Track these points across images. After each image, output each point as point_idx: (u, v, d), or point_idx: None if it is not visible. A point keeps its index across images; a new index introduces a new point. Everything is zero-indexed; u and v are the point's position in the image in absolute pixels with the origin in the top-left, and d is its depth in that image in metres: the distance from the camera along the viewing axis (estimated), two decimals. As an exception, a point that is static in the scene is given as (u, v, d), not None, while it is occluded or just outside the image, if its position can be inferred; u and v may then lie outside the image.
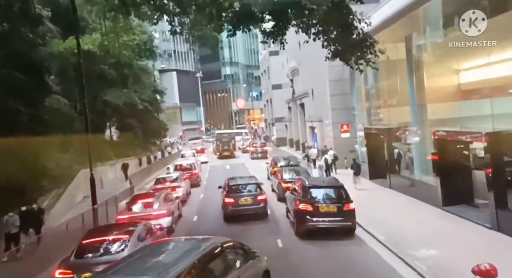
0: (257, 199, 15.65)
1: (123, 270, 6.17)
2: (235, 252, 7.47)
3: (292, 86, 44.31)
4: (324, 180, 14.38)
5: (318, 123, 32.16)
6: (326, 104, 29.61)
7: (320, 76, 30.66)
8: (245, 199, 15.63)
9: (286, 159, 25.41)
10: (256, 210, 15.50)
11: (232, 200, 15.55)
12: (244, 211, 15.37)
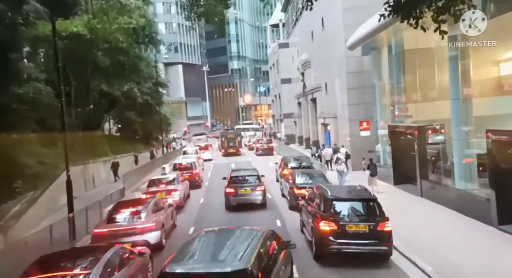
0: (256, 189, 16.59)
1: (201, 259, 6.46)
2: (277, 240, 7.97)
3: (303, 80, 41.47)
4: (351, 189, 11.58)
5: (332, 120, 29.36)
6: (341, 99, 26.81)
7: (336, 69, 27.83)
8: (244, 189, 16.61)
9: (297, 159, 22.69)
10: (254, 200, 16.53)
11: (232, 190, 16.58)
12: (243, 200, 16.51)
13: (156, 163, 33.42)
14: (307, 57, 38.39)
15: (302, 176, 16.55)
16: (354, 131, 25.14)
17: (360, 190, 11.06)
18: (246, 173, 18.41)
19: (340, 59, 26.14)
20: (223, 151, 43.51)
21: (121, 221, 11.40)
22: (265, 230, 7.87)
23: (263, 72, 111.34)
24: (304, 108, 43.01)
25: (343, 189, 11.83)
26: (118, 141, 33.50)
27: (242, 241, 6.97)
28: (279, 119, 59.37)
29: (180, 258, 6.48)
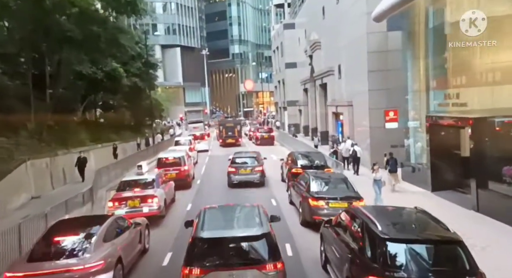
0: (255, 170, 18.55)
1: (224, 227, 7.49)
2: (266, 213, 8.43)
3: (310, 64, 37.21)
4: (410, 216, 7.42)
5: (346, 108, 25.26)
6: (360, 84, 22.68)
7: (353, 48, 23.62)
8: (244, 169, 18.49)
9: (307, 155, 18.59)
10: (253, 179, 18.37)
11: (234, 169, 18.47)
12: (243, 179, 18.32)
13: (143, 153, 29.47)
14: (317, 38, 34.07)
15: (318, 181, 12.57)
16: (375, 122, 21.14)
17: (426, 220, 7.01)
18: (247, 155, 20.53)
19: (360, 37, 21.94)
20: (221, 141, 39.50)
21: (51, 256, 7.38)
22: (258, 205, 8.63)
23: (266, 58, 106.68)
24: (311, 96, 38.84)
25: (396, 216, 7.60)
26: (102, 128, 29.47)
27: (247, 214, 8.05)
28: (282, 107, 55.23)
29: (205, 227, 7.15)
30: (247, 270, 6.54)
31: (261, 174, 18.47)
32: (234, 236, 7.00)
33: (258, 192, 17.44)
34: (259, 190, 18.01)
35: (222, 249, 6.80)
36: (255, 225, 7.25)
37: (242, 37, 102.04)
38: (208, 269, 6.48)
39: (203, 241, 6.81)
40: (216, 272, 6.46)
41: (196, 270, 6.48)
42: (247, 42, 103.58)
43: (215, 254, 6.76)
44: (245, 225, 7.51)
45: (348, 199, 11.40)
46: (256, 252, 6.84)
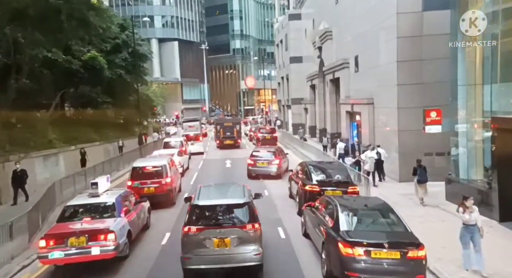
0: (272, 163, 19.67)
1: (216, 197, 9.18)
2: None
3: (319, 57, 33.12)
4: None
5: (365, 107, 21.17)
6: (385, 78, 18.61)
7: (376, 35, 19.53)
8: (262, 162, 19.78)
9: (324, 167, 14.30)
10: (270, 171, 19.56)
11: (252, 162, 19.95)
12: (260, 171, 19.73)
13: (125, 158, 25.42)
14: (327, 27, 29.97)
15: (350, 212, 8.42)
16: (405, 124, 17.11)
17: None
18: (265, 149, 21.47)
19: (387, 19, 17.84)
20: (218, 142, 35.39)
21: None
22: (244, 185, 10.30)
23: (268, 54, 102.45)
24: (319, 92, 34.78)
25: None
26: (79, 126, 25.36)
27: (235, 189, 9.89)
28: (286, 105, 51.14)
29: (200, 198, 8.94)
30: (232, 229, 8.28)
31: (277, 167, 19.65)
32: (222, 204, 8.75)
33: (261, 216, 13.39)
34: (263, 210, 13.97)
35: (213, 213, 8.58)
36: (239, 197, 8.96)
37: (243, 32, 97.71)
38: (202, 228, 8.21)
39: (199, 207, 8.58)
40: (209, 230, 8.19)
41: (193, 229, 8.22)
42: (249, 37, 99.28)
43: (208, 217, 8.51)
44: (232, 196, 9.15)
45: (401, 247, 7.34)
46: (239, 216, 8.54)
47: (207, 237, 8.13)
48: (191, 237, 8.19)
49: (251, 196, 9.39)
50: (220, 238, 8.13)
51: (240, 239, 8.18)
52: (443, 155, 16.89)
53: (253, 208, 8.69)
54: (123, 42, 29.66)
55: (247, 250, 8.18)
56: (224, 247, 8.15)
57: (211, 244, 8.12)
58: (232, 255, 8.16)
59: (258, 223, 8.45)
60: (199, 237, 8.14)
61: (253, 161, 19.91)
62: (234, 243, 8.16)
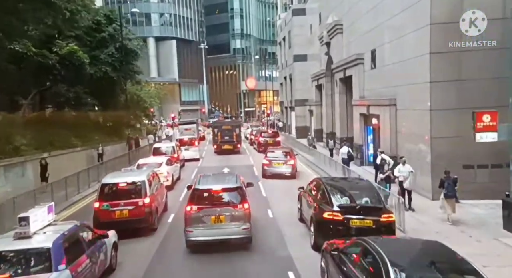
0: (287, 163, 20.19)
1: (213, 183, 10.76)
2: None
3: (327, 54, 30.07)
4: None
5: (387, 109, 18.05)
6: (412, 74, 15.53)
7: (401, 23, 16.47)
8: (277, 163, 20.24)
9: (346, 187, 10.97)
10: (285, 172, 20.04)
11: (268, 162, 20.39)
12: (276, 172, 20.13)
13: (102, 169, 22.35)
14: (337, 19, 26.92)
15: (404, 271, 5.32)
16: (440, 130, 14.05)
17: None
18: (280, 150, 22.05)
19: (417, 2, 14.76)
20: (216, 147, 32.31)
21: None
22: (237, 174, 11.94)
23: (270, 54, 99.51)
24: (327, 93, 31.69)
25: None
26: (57, 130, 22.28)
27: (230, 177, 11.35)
28: (289, 107, 48.09)
29: (200, 183, 10.71)
30: (226, 208, 10.03)
31: (292, 168, 20.17)
32: (218, 188, 10.44)
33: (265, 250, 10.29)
34: (267, 241, 10.88)
35: (211, 195, 10.31)
36: (233, 183, 10.76)
37: (244, 31, 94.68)
38: (202, 207, 9.97)
39: (199, 190, 10.38)
40: (207, 209, 9.96)
41: (195, 208, 9.96)
42: (250, 37, 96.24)
43: (207, 198, 10.25)
44: (226, 183, 10.83)
45: None
46: (231, 198, 10.27)
47: (206, 214, 9.86)
48: (193, 214, 9.89)
49: (244, 183, 11.37)
50: (216, 215, 9.86)
51: (232, 216, 9.90)
52: (486, 167, 13.88)
53: (244, 192, 10.55)
54: (110, 36, 26.60)
55: (238, 225, 9.90)
56: (220, 223, 9.86)
57: (209, 220, 9.86)
58: (226, 229, 9.86)
59: (248, 204, 10.19)
60: (199, 214, 9.86)
61: (269, 161, 20.40)
62: (227, 220, 9.88)
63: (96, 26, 25.65)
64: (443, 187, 12.08)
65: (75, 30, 23.77)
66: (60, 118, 22.88)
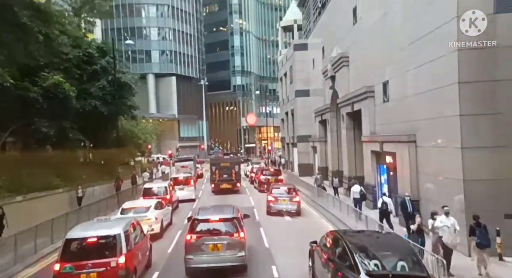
0: (293, 200, 20.21)
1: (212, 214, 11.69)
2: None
3: (332, 87, 28.47)
4: None
5: (405, 146, 15.98)
6: (437, 106, 13.61)
7: (421, 50, 14.78)
8: (283, 199, 20.25)
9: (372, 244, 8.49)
10: (291, 209, 20.07)
11: (273, 199, 20.30)
12: (281, 208, 20.09)
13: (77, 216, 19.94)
14: (343, 52, 25.51)
15: None
16: (475, 171, 11.91)
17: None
18: (284, 186, 21.97)
19: (442, 25, 13.07)
20: (213, 186, 30.00)
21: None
22: (234, 205, 13.04)
23: (270, 90, 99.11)
24: (332, 128, 29.83)
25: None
26: (38, 169, 20.10)
27: (227, 208, 12.36)
28: (291, 143, 46.15)
29: (199, 214, 11.62)
30: (223, 236, 10.90)
31: (298, 205, 20.27)
32: (216, 218, 11.33)
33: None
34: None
35: (209, 225, 11.18)
36: (230, 213, 11.63)
37: (244, 68, 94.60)
38: (201, 236, 10.90)
39: (199, 220, 11.28)
40: (206, 237, 10.84)
41: (194, 236, 10.84)
42: (250, 74, 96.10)
43: (206, 227, 11.11)
44: (224, 213, 11.70)
45: None
46: (228, 227, 11.11)
47: (204, 243, 10.83)
48: (193, 243, 10.87)
49: (240, 214, 12.21)
50: (214, 243, 10.84)
51: (229, 245, 10.86)
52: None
53: (240, 222, 11.47)
54: (103, 69, 25.05)
55: (234, 253, 10.85)
56: (217, 251, 10.85)
57: (207, 248, 10.82)
58: (223, 256, 10.82)
59: (244, 233, 11.16)
60: (198, 242, 10.83)
61: (274, 198, 20.28)
62: (224, 248, 10.84)
63: (88, 58, 24.10)
64: (474, 234, 10.47)
65: (64, 62, 22.33)
66: (41, 156, 20.76)
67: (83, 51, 23.37)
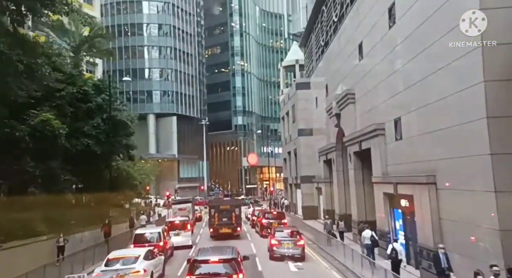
0: (297, 244, 19.38)
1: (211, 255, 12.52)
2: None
3: (338, 125, 27.26)
4: None
5: (423, 188, 14.39)
6: (461, 143, 12.19)
7: (438, 82, 13.60)
8: (287, 243, 19.45)
9: None
10: (295, 253, 19.28)
11: (277, 243, 19.60)
12: (285, 253, 19.32)
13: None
14: (348, 89, 24.52)
15: None
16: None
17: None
18: (288, 229, 21.36)
19: (465, 55, 11.94)
20: (212, 230, 28.01)
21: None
22: (233, 247, 13.75)
23: (271, 130, 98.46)
24: (337, 169, 28.31)
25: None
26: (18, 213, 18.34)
27: (226, 249, 13.24)
28: (294, 184, 44.42)
29: (199, 255, 12.43)
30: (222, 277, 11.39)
31: (302, 249, 19.51)
32: (215, 258, 12.01)
33: None
34: None
35: (208, 265, 11.78)
36: (229, 254, 12.39)
37: (246, 108, 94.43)
38: (200, 276, 11.47)
39: (198, 261, 12.01)
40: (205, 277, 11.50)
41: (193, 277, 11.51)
42: (252, 114, 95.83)
43: (205, 268, 11.70)
44: (223, 254, 12.46)
45: None
46: (227, 268, 11.57)
47: None
48: None
49: (239, 255, 13.06)
50: None
51: None
52: None
53: (239, 262, 12.15)
54: (98, 107, 23.94)
55: None
56: None
57: None
58: None
59: (242, 273, 11.70)
60: None
61: (278, 241, 19.62)
62: None
63: (82, 96, 23.09)
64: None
65: (56, 100, 21.29)
66: (26, 199, 19.13)
67: (78, 88, 22.33)
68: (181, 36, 77.47)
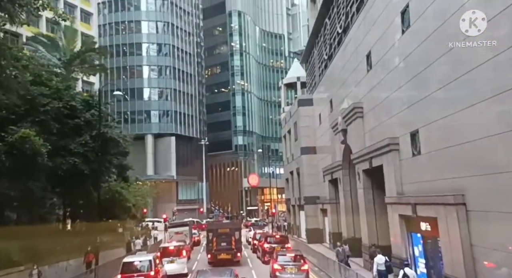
0: (301, 269, 18.75)
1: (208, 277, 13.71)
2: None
3: (344, 142, 25.50)
4: None
5: (449, 209, 12.49)
6: (494, 158, 10.40)
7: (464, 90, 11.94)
8: (291, 268, 18.72)
9: None
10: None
11: (280, 267, 18.79)
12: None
13: None
14: (356, 102, 22.91)
15: None
16: None
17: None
18: (291, 253, 20.52)
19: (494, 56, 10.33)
20: (210, 256, 25.83)
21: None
22: (232, 269, 13.98)
23: (272, 150, 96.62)
24: (344, 188, 26.39)
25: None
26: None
27: (225, 272, 13.60)
28: (297, 205, 42.30)
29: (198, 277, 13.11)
30: None
31: (306, 274, 18.93)
32: None
33: None
34: None
35: None
36: (227, 276, 13.04)
37: (246, 128, 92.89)
38: None
39: None
40: None
41: None
42: (252, 134, 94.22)
43: None
44: (222, 276, 13.18)
45: None
46: None
47: None
48: None
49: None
50: None
51: None
52: None
53: None
54: (86, 123, 22.30)
55: None
56: None
57: None
58: None
59: None
60: None
61: (281, 266, 18.97)
62: None
63: (69, 111, 21.48)
64: None
65: (40, 115, 19.66)
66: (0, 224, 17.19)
67: (64, 103, 20.75)
68: (181, 56, 76.82)
